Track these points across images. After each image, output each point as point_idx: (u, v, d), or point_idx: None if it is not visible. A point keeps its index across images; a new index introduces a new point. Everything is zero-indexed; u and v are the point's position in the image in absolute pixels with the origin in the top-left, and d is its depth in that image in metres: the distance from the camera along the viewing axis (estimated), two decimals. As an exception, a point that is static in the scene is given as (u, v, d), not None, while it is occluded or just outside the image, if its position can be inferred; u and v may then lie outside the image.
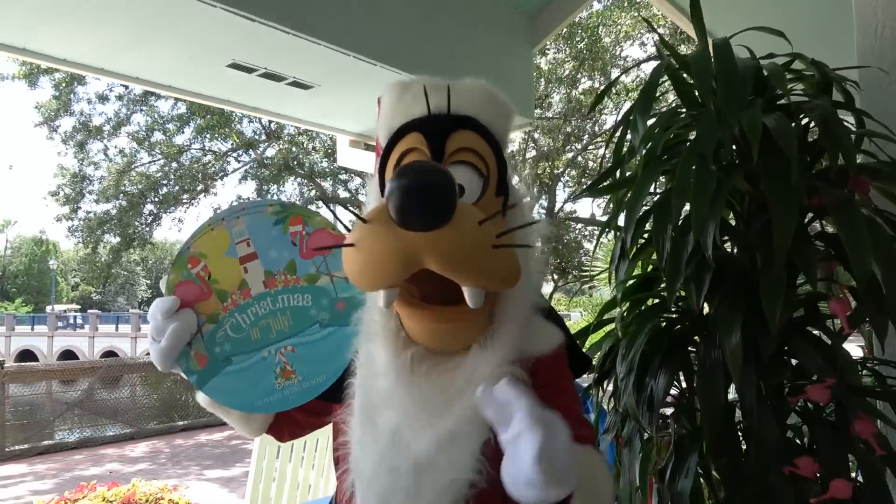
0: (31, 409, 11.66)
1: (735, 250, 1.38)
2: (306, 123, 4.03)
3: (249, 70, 2.95)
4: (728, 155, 1.31)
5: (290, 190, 16.29)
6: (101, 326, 34.96)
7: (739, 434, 1.32)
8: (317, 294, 1.05)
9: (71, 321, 37.04)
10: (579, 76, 13.39)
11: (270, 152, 15.48)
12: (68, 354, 32.86)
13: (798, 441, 1.32)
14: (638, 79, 11.06)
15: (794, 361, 1.31)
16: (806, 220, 1.26)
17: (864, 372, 1.34)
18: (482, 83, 1.02)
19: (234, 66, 2.90)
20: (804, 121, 1.29)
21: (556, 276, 17.05)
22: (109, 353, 29.84)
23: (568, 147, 14.91)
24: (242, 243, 1.04)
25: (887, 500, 1.13)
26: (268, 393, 1.04)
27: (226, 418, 1.11)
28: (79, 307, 49.23)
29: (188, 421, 10.89)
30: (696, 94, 1.34)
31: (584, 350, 1.37)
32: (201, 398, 1.07)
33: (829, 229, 1.29)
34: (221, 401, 1.05)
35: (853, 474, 1.19)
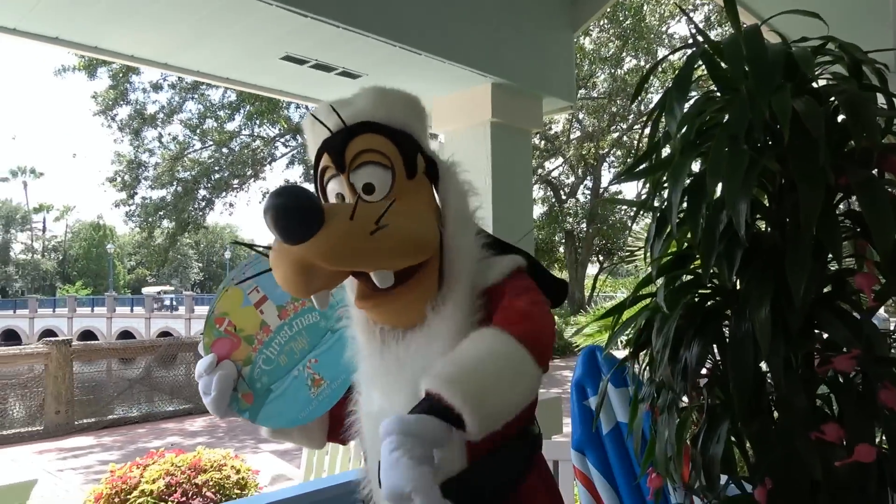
0: (96, 386, 12.28)
1: (768, 228, 1.43)
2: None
3: (301, 62, 3.08)
4: (760, 137, 1.35)
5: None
6: (155, 308, 36.29)
7: (771, 402, 1.38)
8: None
9: (167, 303, 38.07)
10: (624, 55, 13.15)
11: (316, 137, 15.71)
12: (125, 335, 34.22)
13: (827, 410, 1.37)
14: (685, 55, 10.74)
15: (825, 335, 1.36)
16: (836, 199, 1.30)
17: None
18: (372, 87, 1.10)
19: (288, 58, 3.03)
20: (835, 104, 1.33)
21: (601, 258, 16.86)
22: (165, 334, 30.90)
23: (613, 127, 14.68)
24: (253, 292, 1.19)
25: (910, 463, 1.18)
26: (306, 404, 1.19)
27: (291, 442, 1.26)
28: (172, 289, 49.69)
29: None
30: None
31: (620, 325, 1.47)
32: (263, 431, 1.23)
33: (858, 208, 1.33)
34: (274, 425, 1.20)
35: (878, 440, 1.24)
